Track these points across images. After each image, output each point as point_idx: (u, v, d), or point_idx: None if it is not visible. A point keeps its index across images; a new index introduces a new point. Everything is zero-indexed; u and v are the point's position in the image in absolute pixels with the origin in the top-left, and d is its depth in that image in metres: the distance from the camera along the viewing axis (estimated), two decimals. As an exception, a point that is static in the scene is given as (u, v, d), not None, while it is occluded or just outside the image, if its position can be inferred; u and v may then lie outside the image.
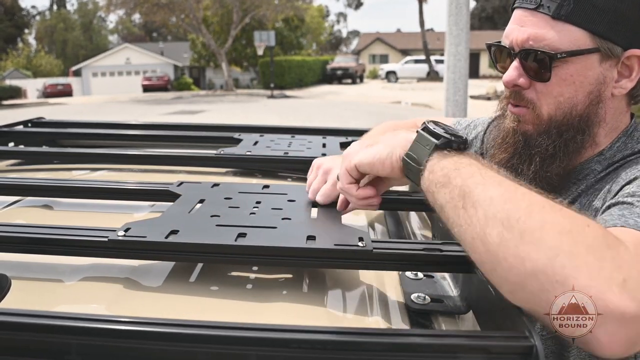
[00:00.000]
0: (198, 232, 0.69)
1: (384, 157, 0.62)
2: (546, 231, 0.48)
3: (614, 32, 0.72)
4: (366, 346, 0.48)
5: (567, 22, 0.73)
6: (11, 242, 0.69)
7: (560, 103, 0.76)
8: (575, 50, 0.73)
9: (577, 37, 0.73)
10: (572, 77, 0.75)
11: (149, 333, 0.49)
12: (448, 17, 4.20)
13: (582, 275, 0.46)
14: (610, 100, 0.77)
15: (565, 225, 0.49)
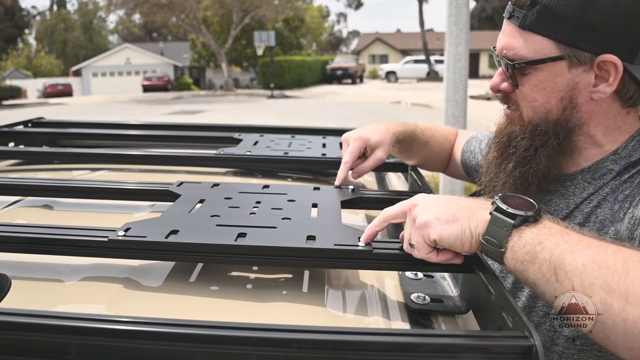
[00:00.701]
0: (198, 232, 0.69)
1: (465, 239, 0.61)
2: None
3: (579, 39, 0.73)
4: (366, 346, 0.48)
5: (532, 32, 0.76)
6: (11, 242, 0.69)
7: (536, 108, 0.80)
8: (538, 59, 0.76)
9: (543, 45, 0.76)
10: (542, 83, 0.77)
11: (149, 333, 0.49)
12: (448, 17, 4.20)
13: None
14: (591, 104, 0.77)
15: None
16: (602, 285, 0.49)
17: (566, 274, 0.52)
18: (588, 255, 0.52)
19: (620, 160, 0.79)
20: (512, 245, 0.58)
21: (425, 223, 0.63)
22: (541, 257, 0.54)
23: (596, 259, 0.51)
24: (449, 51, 4.02)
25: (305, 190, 0.94)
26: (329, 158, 1.21)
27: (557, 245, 0.54)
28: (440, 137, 1.16)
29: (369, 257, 0.66)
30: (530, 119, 0.81)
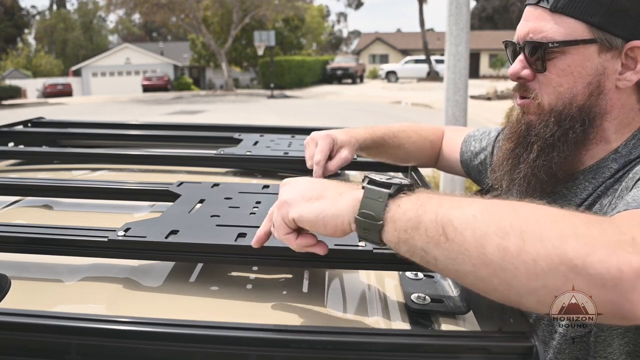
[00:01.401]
0: (198, 232, 0.69)
1: (328, 219, 0.55)
2: (542, 224, 0.46)
3: (611, 24, 0.74)
4: (366, 346, 0.48)
5: (564, 15, 0.75)
6: (11, 242, 0.69)
7: (560, 93, 0.78)
8: (570, 40, 0.75)
9: (574, 28, 0.75)
10: (570, 67, 0.77)
11: (149, 333, 0.49)
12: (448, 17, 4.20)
13: (596, 248, 0.43)
14: (615, 93, 0.77)
15: (554, 214, 0.47)
16: (495, 231, 0.46)
17: (456, 230, 0.48)
18: (476, 207, 0.49)
19: (619, 159, 0.78)
20: (392, 216, 0.52)
21: (286, 200, 0.58)
22: (426, 219, 0.50)
23: (485, 209, 0.48)
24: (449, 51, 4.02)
25: None
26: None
27: (440, 205, 0.50)
28: (417, 138, 1.15)
29: (369, 257, 0.66)
30: (553, 105, 0.79)
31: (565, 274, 0.44)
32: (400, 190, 0.54)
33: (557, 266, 0.44)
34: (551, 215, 0.47)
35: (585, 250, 0.43)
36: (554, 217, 0.47)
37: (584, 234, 0.44)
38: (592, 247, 0.43)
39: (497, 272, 0.46)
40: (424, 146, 1.16)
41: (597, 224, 0.46)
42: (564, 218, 0.47)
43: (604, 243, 0.44)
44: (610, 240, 0.44)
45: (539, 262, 0.44)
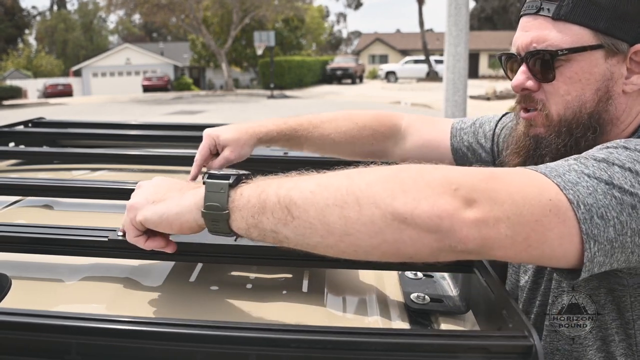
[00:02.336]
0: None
1: (172, 218, 0.58)
2: (374, 187, 0.51)
3: (616, 28, 0.73)
4: (366, 346, 0.49)
5: (567, 22, 0.74)
6: (12, 242, 0.69)
7: (568, 102, 0.77)
8: (577, 47, 0.74)
9: (579, 35, 0.74)
10: (577, 75, 0.76)
11: (149, 333, 0.49)
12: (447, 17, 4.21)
13: (420, 201, 0.50)
14: (623, 97, 0.77)
15: (385, 174, 0.53)
16: (334, 202, 0.51)
17: (299, 208, 0.52)
18: (312, 182, 0.54)
19: None
20: (237, 205, 0.55)
21: (132, 204, 0.61)
22: (269, 203, 0.53)
23: (321, 182, 0.53)
24: (448, 51, 4.03)
25: None
26: (328, 158, 1.21)
27: (279, 187, 0.54)
28: (350, 127, 1.06)
29: (369, 257, 0.66)
30: (561, 115, 0.78)
31: (398, 227, 0.50)
32: (239, 180, 0.57)
33: (390, 222, 0.50)
34: (382, 176, 0.53)
35: (412, 204, 0.50)
36: (385, 177, 0.53)
37: (411, 189, 0.51)
38: (417, 200, 0.50)
39: (342, 237, 0.52)
40: (360, 135, 1.07)
41: (427, 175, 0.52)
42: (394, 177, 0.52)
43: (427, 195, 0.50)
44: (434, 192, 0.51)
45: (376, 222, 0.50)
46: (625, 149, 0.63)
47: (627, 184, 0.58)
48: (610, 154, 0.63)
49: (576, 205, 0.55)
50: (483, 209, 0.51)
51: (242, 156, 1.00)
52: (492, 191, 0.52)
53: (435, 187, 0.51)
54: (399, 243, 0.51)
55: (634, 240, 0.57)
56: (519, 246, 0.53)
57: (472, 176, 0.54)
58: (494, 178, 0.55)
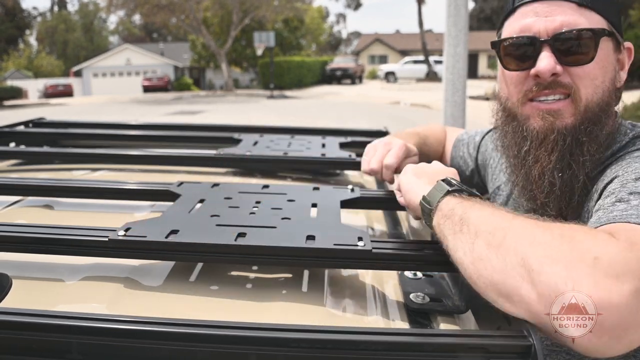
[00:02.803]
0: (198, 232, 0.70)
1: (412, 194, 0.75)
2: (523, 232, 0.53)
3: (618, 23, 0.78)
4: (366, 345, 0.49)
5: (592, 10, 0.77)
6: (12, 242, 0.69)
7: (597, 87, 0.76)
8: (608, 30, 0.76)
9: (601, 23, 0.77)
10: (602, 60, 0.76)
11: (149, 333, 0.49)
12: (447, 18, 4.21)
13: (556, 263, 0.49)
14: (616, 92, 0.80)
15: (539, 225, 0.54)
16: (488, 230, 0.56)
17: (469, 225, 0.59)
18: (489, 210, 0.60)
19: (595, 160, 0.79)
20: (441, 205, 0.65)
21: (408, 166, 0.81)
22: (458, 213, 0.62)
23: (494, 213, 0.59)
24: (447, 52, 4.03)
25: (305, 190, 0.94)
26: (328, 158, 1.21)
27: (471, 207, 0.62)
28: (433, 140, 1.17)
29: (369, 257, 0.66)
30: (589, 99, 0.75)
31: (522, 274, 0.50)
32: (458, 191, 0.66)
33: (518, 267, 0.51)
34: (535, 226, 0.54)
35: (545, 260, 0.50)
36: (537, 228, 0.54)
37: (551, 247, 0.50)
38: (553, 259, 0.49)
39: (475, 260, 0.56)
40: (438, 150, 1.18)
41: (568, 240, 0.51)
42: (544, 229, 0.53)
43: (565, 259, 0.49)
44: (572, 258, 0.49)
45: (507, 259, 0.52)
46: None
47: None
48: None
49: None
50: (624, 301, 0.47)
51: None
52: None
53: (576, 252, 0.49)
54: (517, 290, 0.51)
55: None
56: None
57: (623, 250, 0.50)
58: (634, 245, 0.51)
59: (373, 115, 12.40)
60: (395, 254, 0.68)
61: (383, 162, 0.96)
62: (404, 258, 0.69)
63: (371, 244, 0.67)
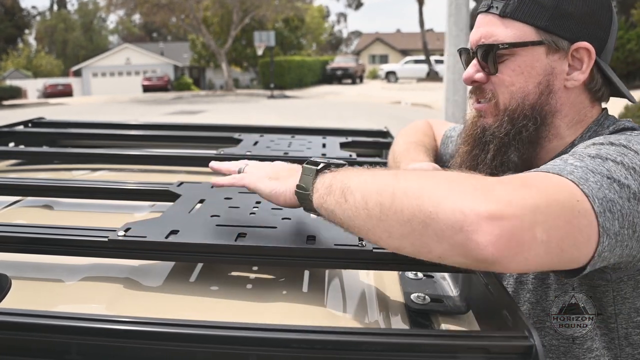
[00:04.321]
0: (198, 232, 0.70)
1: (279, 193, 0.71)
2: (411, 182, 0.55)
3: (557, 26, 0.78)
4: (366, 346, 0.49)
5: (512, 19, 0.80)
6: (11, 242, 0.69)
7: (513, 92, 0.82)
8: (519, 42, 0.80)
9: (523, 31, 0.80)
10: (520, 67, 0.81)
11: (149, 333, 0.49)
12: (448, 17, 4.21)
13: (448, 197, 0.51)
14: (564, 92, 0.81)
15: (427, 173, 0.58)
16: (376, 190, 0.56)
17: (351, 192, 0.59)
18: (369, 174, 0.60)
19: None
20: (317, 186, 0.65)
21: (252, 172, 0.75)
22: (336, 187, 0.62)
23: (375, 174, 0.60)
24: (449, 51, 4.03)
25: None
26: (328, 158, 1.21)
27: (348, 176, 0.62)
28: (428, 141, 1.17)
29: (369, 257, 0.66)
30: (507, 105, 0.83)
31: (423, 220, 0.52)
32: (327, 167, 0.66)
33: (416, 214, 0.52)
34: (421, 175, 0.57)
35: (438, 199, 0.51)
36: (423, 176, 0.57)
37: (443, 187, 0.53)
38: (445, 197, 0.51)
39: (378, 223, 0.56)
40: (435, 147, 1.18)
41: (467, 180, 0.54)
42: (431, 176, 0.56)
43: (458, 192, 0.51)
44: (465, 190, 0.51)
45: (404, 211, 0.53)
46: (611, 145, 0.66)
47: (622, 177, 0.59)
48: (600, 150, 0.65)
49: (592, 200, 0.55)
50: (515, 212, 0.50)
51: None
52: (527, 197, 0.52)
53: (470, 186, 0.52)
54: (425, 237, 0.52)
55: (628, 233, 0.58)
56: (553, 251, 0.52)
57: (507, 182, 0.54)
58: (526, 184, 0.54)
59: (374, 115, 12.41)
60: (396, 254, 0.68)
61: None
62: (404, 258, 0.68)
63: (372, 244, 0.67)
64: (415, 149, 1.08)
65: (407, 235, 0.53)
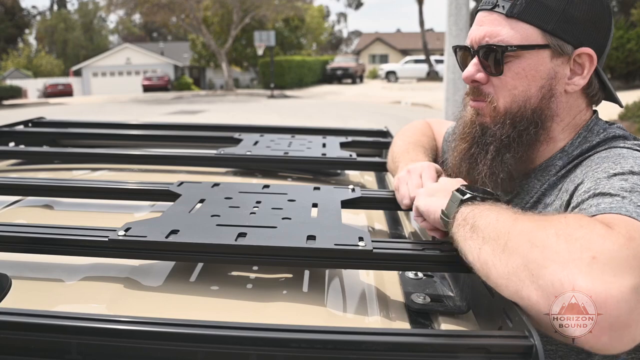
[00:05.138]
0: (198, 232, 0.70)
1: (431, 211, 0.76)
2: (524, 236, 0.55)
3: (563, 31, 0.77)
4: (366, 346, 0.49)
5: (519, 20, 0.79)
6: (11, 242, 0.69)
7: (515, 96, 0.81)
8: (526, 45, 0.78)
9: (529, 33, 0.78)
10: (525, 71, 0.80)
11: (149, 333, 0.49)
12: (448, 17, 4.21)
13: (553, 263, 0.51)
14: (564, 97, 0.81)
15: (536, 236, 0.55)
16: (492, 237, 0.59)
17: (477, 232, 0.62)
18: (494, 216, 0.62)
19: (564, 157, 0.82)
20: (457, 216, 0.68)
21: (419, 191, 0.82)
22: (469, 222, 0.65)
23: (499, 218, 0.61)
24: (448, 51, 4.03)
25: (306, 190, 0.94)
26: (329, 158, 1.21)
27: (480, 214, 0.64)
28: (427, 140, 1.16)
29: (369, 257, 0.66)
30: (508, 108, 0.82)
31: (523, 278, 0.53)
32: (472, 199, 0.68)
33: (520, 271, 0.53)
34: (534, 228, 0.56)
35: (543, 263, 0.51)
36: (535, 229, 0.56)
37: (548, 248, 0.52)
38: (551, 261, 0.51)
39: (482, 265, 0.59)
40: (435, 147, 1.18)
41: (565, 239, 0.53)
42: (542, 230, 0.55)
43: (562, 259, 0.51)
44: (569, 257, 0.50)
45: (509, 264, 0.55)
46: (632, 174, 0.66)
47: None
48: (627, 180, 0.65)
49: None
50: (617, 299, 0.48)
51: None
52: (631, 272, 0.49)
53: (573, 251, 0.51)
54: (524, 295, 0.53)
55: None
56: None
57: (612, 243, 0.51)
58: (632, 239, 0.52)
59: (374, 114, 12.40)
60: (396, 254, 0.68)
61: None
62: (405, 258, 0.69)
63: (372, 244, 0.67)
64: (414, 149, 1.08)
65: (508, 280, 0.55)
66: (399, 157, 1.06)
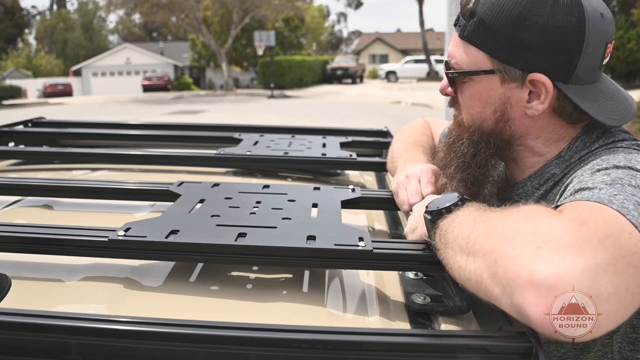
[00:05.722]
0: (198, 232, 0.70)
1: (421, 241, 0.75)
2: (482, 241, 0.56)
3: (511, 56, 0.74)
4: (366, 346, 0.49)
5: (469, 43, 0.77)
6: (11, 242, 0.69)
7: (473, 115, 0.82)
8: (472, 70, 0.78)
9: (477, 58, 0.77)
10: (477, 94, 0.80)
11: (149, 333, 0.49)
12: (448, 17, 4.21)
13: (505, 263, 0.51)
14: (527, 119, 0.78)
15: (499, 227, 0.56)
16: (460, 246, 0.60)
17: (449, 245, 0.63)
18: (457, 226, 0.63)
19: (562, 163, 0.79)
20: (435, 237, 0.68)
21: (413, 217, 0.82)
22: (443, 238, 0.65)
23: (461, 227, 0.62)
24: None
25: (306, 190, 0.94)
26: (329, 158, 1.21)
27: (449, 226, 0.65)
28: (426, 140, 1.16)
29: (369, 257, 0.66)
30: (468, 125, 0.83)
31: (488, 276, 0.53)
32: (439, 214, 0.68)
33: (484, 270, 0.54)
34: (485, 232, 0.57)
35: (496, 263, 0.52)
36: (487, 232, 0.57)
37: (499, 248, 0.53)
38: (502, 260, 0.51)
39: (459, 277, 0.59)
40: (433, 146, 1.17)
41: (513, 234, 0.53)
42: (493, 230, 0.56)
43: (509, 256, 0.51)
44: (514, 254, 0.51)
45: (475, 265, 0.56)
46: (616, 168, 0.65)
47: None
48: (610, 173, 0.64)
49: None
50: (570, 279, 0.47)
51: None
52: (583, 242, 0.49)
53: (521, 241, 0.52)
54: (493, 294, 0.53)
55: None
56: (625, 301, 0.48)
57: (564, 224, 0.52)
58: (583, 223, 0.52)
59: (374, 114, 12.40)
60: (396, 254, 0.68)
61: (424, 195, 0.94)
62: (405, 258, 0.69)
63: (372, 244, 0.67)
64: (414, 149, 1.07)
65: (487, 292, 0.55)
66: (398, 157, 1.06)
